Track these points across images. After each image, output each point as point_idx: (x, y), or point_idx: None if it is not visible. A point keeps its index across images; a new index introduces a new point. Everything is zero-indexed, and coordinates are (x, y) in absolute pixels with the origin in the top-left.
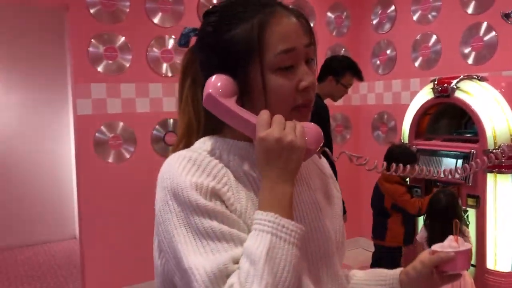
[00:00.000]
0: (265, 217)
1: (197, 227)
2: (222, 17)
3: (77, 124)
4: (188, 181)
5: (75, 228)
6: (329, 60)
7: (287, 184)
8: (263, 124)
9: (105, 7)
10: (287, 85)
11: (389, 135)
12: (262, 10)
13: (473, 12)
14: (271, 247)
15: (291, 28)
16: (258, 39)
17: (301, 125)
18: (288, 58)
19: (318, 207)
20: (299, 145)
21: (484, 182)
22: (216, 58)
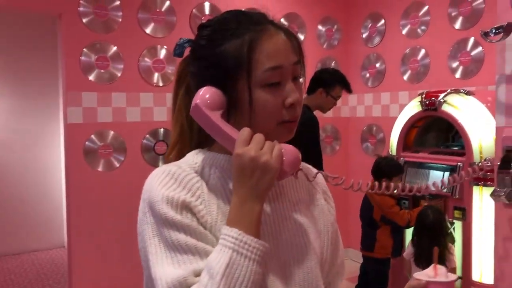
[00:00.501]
0: (229, 232)
1: (166, 239)
2: (215, 32)
3: (67, 132)
4: (161, 194)
5: (63, 236)
6: (319, 73)
7: (256, 203)
8: (242, 141)
9: (97, 17)
10: (273, 101)
11: (377, 147)
12: (253, 27)
13: (460, 28)
14: (230, 262)
15: (280, 47)
16: (247, 56)
17: (279, 147)
18: (275, 75)
19: (298, 223)
20: (273, 166)
21: (470, 194)
22: (207, 70)
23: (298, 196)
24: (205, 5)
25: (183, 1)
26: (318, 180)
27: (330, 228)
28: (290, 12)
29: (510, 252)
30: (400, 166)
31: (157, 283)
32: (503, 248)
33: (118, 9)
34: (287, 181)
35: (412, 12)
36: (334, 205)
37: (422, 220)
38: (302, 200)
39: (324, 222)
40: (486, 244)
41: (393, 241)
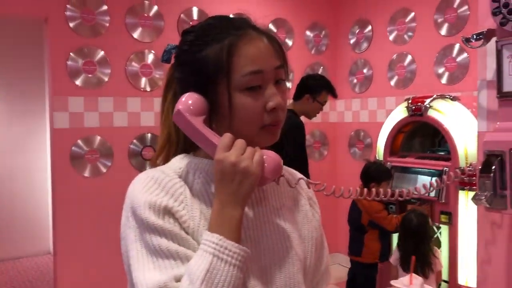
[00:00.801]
0: (210, 238)
1: (147, 243)
2: (198, 37)
3: (54, 137)
4: (143, 199)
5: (49, 243)
6: (304, 79)
7: (236, 208)
8: (223, 147)
9: (85, 21)
10: (254, 105)
11: (365, 152)
12: (234, 32)
13: (446, 34)
14: (210, 267)
15: (260, 51)
16: (226, 60)
17: (260, 153)
18: (255, 79)
19: (281, 229)
20: (253, 172)
21: (456, 199)
22: (190, 76)
23: (282, 202)
24: (193, 10)
25: (171, 6)
26: (303, 186)
27: (314, 234)
28: (279, 18)
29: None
30: (389, 171)
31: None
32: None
33: (105, 14)
34: (270, 186)
35: (398, 19)
36: (320, 211)
37: (406, 224)
38: (285, 205)
39: (308, 228)
40: (472, 248)
41: (380, 246)
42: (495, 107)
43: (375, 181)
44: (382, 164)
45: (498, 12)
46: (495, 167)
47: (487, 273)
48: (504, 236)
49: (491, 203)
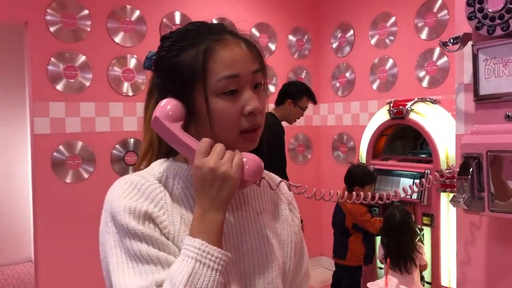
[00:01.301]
0: (192, 243)
1: (128, 249)
2: (174, 42)
3: (35, 143)
4: (123, 204)
5: (30, 251)
6: (286, 86)
7: (217, 213)
8: (201, 152)
9: (65, 25)
10: (231, 109)
11: (348, 155)
12: (210, 37)
13: (426, 38)
14: (193, 272)
15: (236, 55)
16: (202, 65)
17: (240, 156)
18: (231, 83)
19: (261, 233)
20: (233, 176)
21: (438, 201)
22: (167, 82)
23: (262, 206)
24: (176, 14)
25: (153, 10)
26: (283, 190)
27: (294, 238)
28: (261, 22)
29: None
30: (373, 174)
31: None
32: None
33: (86, 18)
34: (251, 190)
35: (380, 23)
36: (299, 216)
37: (389, 219)
38: (266, 209)
39: (288, 233)
40: (454, 250)
41: (365, 249)
42: (473, 110)
43: (358, 185)
44: (366, 168)
45: (473, 16)
46: (473, 170)
47: (466, 274)
48: (483, 237)
49: (469, 205)
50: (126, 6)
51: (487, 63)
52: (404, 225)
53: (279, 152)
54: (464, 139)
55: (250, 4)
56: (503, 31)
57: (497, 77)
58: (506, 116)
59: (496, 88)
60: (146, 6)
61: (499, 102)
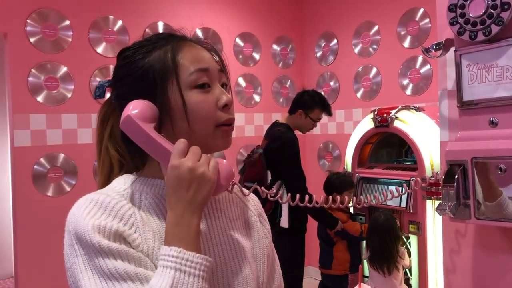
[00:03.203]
0: (168, 252)
1: (101, 269)
2: (137, 49)
3: (15, 156)
4: (91, 224)
5: (11, 266)
6: (300, 95)
7: (193, 216)
8: (179, 152)
9: (46, 36)
10: (206, 101)
11: (334, 164)
12: (174, 39)
13: (409, 46)
14: (174, 283)
15: (202, 53)
16: (172, 61)
17: (215, 160)
18: (203, 76)
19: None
20: (210, 178)
21: (423, 208)
22: (133, 85)
23: (234, 214)
24: (159, 24)
25: (136, 20)
26: (252, 202)
27: (266, 251)
28: (245, 32)
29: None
30: (351, 181)
31: None
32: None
33: (68, 29)
34: (222, 197)
35: (363, 32)
36: (269, 227)
37: (373, 221)
38: (238, 218)
39: (260, 246)
40: (441, 257)
41: (350, 257)
42: (457, 116)
43: (336, 191)
44: (345, 175)
45: (455, 21)
46: (458, 177)
47: (452, 282)
48: (469, 245)
49: (455, 213)
50: (108, 16)
51: (470, 68)
52: (387, 227)
53: (297, 167)
54: (449, 146)
55: (233, 13)
56: (485, 36)
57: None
58: (490, 122)
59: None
60: (129, 16)
61: (483, 108)
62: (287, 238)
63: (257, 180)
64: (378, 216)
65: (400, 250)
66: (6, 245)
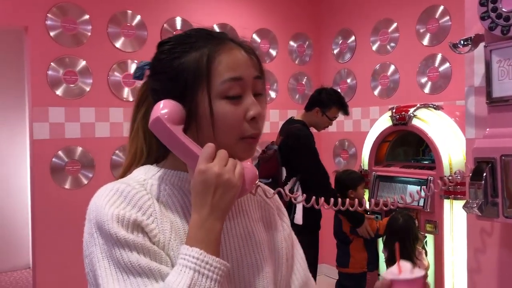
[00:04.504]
0: (190, 252)
1: (117, 260)
2: (174, 46)
3: (34, 148)
4: (110, 213)
5: (29, 257)
6: (317, 92)
7: (217, 221)
8: (206, 157)
9: (66, 30)
10: (234, 113)
11: (350, 162)
12: (213, 42)
13: (428, 44)
14: (192, 283)
15: (239, 59)
16: (206, 66)
17: (241, 165)
18: (235, 86)
19: (253, 242)
20: (235, 184)
21: (441, 208)
22: (166, 84)
23: (252, 211)
24: (177, 20)
25: (154, 15)
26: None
27: (284, 244)
28: (262, 28)
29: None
30: (361, 175)
31: None
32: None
33: (87, 23)
34: (243, 200)
35: (381, 29)
36: (288, 221)
37: (391, 224)
38: (256, 217)
39: (279, 239)
40: (458, 257)
41: (367, 255)
42: (484, 113)
43: (351, 188)
44: (353, 171)
45: (486, 16)
46: (486, 174)
47: (476, 282)
48: (495, 245)
49: (483, 212)
50: (127, 11)
51: (500, 64)
52: (406, 230)
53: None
54: (477, 143)
55: (251, 9)
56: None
57: (511, 78)
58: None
59: (510, 90)
60: (147, 11)
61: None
62: (301, 235)
63: (272, 177)
64: (397, 218)
65: (418, 251)
66: (23, 236)
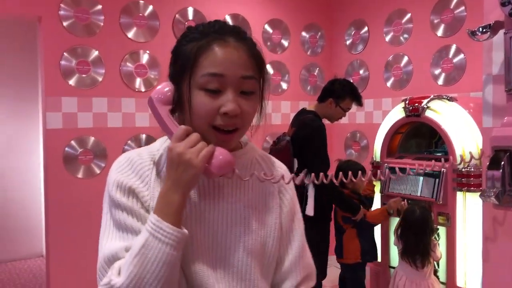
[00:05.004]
0: (150, 218)
1: (113, 216)
2: (187, 33)
3: (47, 138)
4: (113, 178)
5: (42, 245)
6: (331, 83)
7: (176, 193)
8: (176, 137)
9: (78, 20)
10: (208, 105)
11: (361, 154)
12: (213, 35)
13: (442, 35)
14: (145, 244)
15: (226, 57)
16: (193, 58)
17: (210, 149)
18: (213, 81)
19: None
20: (195, 165)
21: (454, 200)
22: (171, 66)
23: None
24: (189, 10)
25: (166, 5)
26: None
27: (277, 219)
28: (274, 19)
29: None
30: (362, 166)
31: (99, 254)
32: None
33: (99, 13)
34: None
35: (395, 19)
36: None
37: (408, 216)
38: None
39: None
40: (470, 250)
41: (360, 245)
42: (502, 102)
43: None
44: (355, 162)
45: (507, 2)
46: (504, 163)
47: (492, 272)
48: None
49: (500, 200)
50: (139, 1)
51: None
52: (423, 223)
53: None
54: (495, 132)
55: (263, 0)
56: None
57: None
58: None
59: None
60: (159, 1)
61: None
62: (312, 226)
63: None
64: (414, 210)
65: (432, 243)
66: (37, 225)
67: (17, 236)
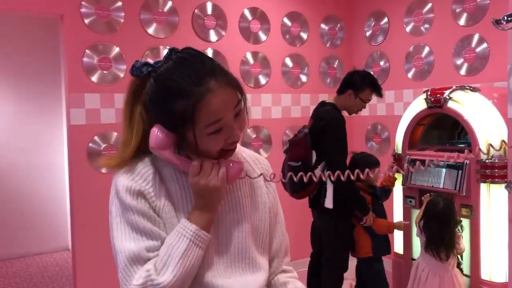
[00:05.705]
0: (189, 226)
1: (126, 219)
2: (165, 89)
3: (70, 134)
4: (121, 183)
5: (68, 239)
6: (350, 74)
7: (209, 213)
8: (193, 174)
9: (99, 17)
10: (215, 143)
11: (382, 146)
12: (198, 88)
13: (465, 24)
14: (187, 249)
15: (219, 104)
16: (191, 116)
17: (223, 169)
18: (216, 125)
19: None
20: (220, 187)
21: (477, 192)
22: (160, 117)
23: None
24: (207, 5)
25: (185, 1)
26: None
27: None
28: (293, 11)
29: None
30: (376, 159)
31: (118, 255)
32: None
33: (120, 10)
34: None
35: (415, 10)
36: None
37: (432, 207)
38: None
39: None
40: (495, 242)
41: (371, 240)
42: None
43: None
44: (369, 154)
45: None
46: None
47: None
48: None
49: None
50: None
51: None
52: (447, 214)
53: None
54: None
55: None
56: None
57: None
58: None
59: None
60: None
61: None
62: (332, 219)
63: (302, 160)
64: (437, 202)
65: (456, 235)
66: (62, 219)
67: (44, 230)
